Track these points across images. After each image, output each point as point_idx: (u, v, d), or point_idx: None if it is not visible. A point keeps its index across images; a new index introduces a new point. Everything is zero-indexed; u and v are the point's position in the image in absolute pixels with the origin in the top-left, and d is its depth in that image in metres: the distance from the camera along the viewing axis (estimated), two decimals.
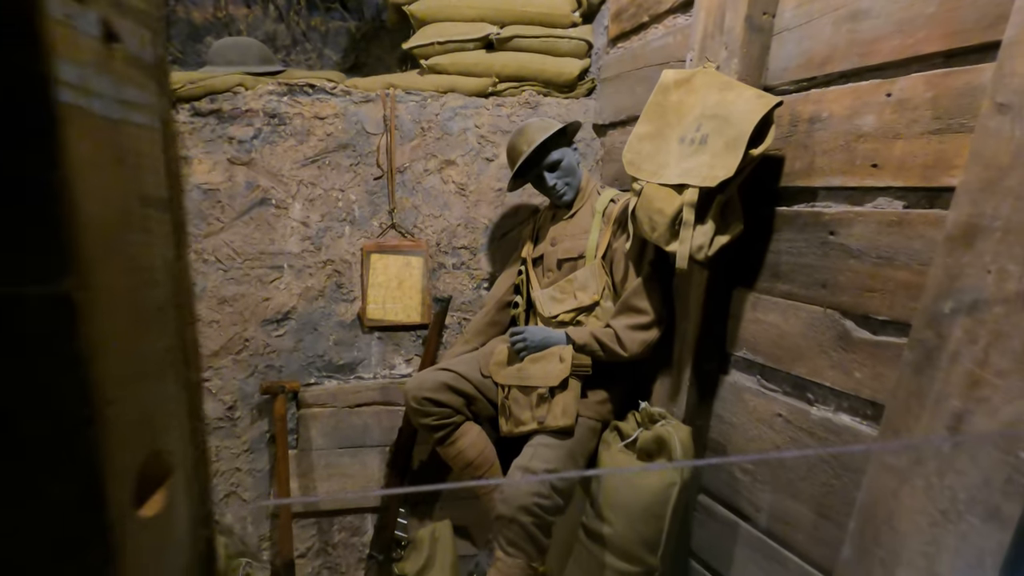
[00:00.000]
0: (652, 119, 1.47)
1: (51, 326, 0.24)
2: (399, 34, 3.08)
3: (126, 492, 0.27)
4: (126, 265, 0.27)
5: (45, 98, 0.22)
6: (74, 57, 0.23)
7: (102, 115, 0.25)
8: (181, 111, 1.94)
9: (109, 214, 0.25)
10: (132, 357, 0.27)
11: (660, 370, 1.61)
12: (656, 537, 1.40)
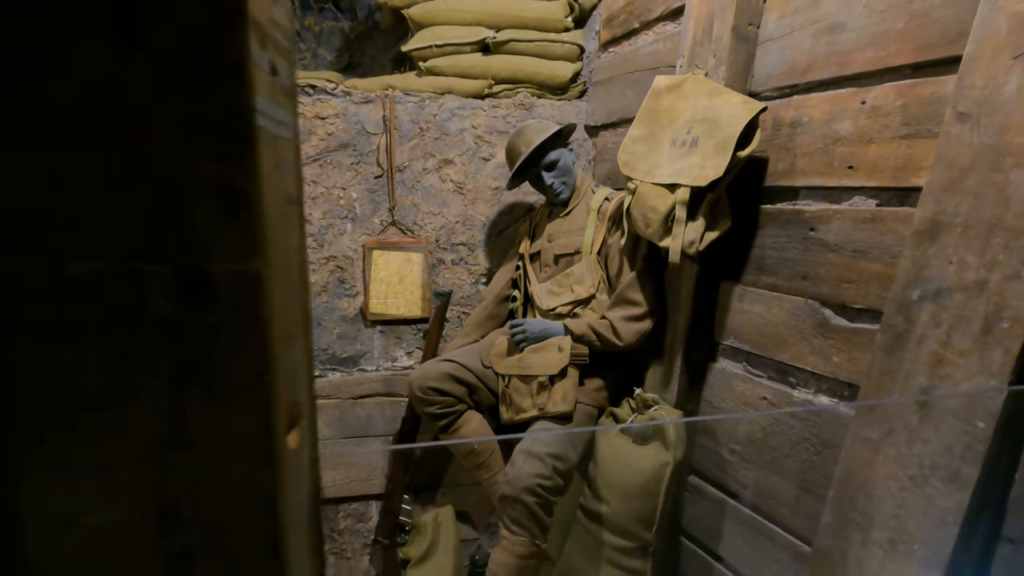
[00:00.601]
0: (645, 122, 1.56)
1: (244, 295, 0.31)
2: (393, 35, 3.14)
3: (283, 429, 0.34)
4: (282, 250, 0.34)
5: (249, 123, 0.30)
6: (260, 90, 0.31)
7: (271, 133, 0.32)
8: None
9: (274, 210, 0.33)
10: (286, 323, 0.34)
11: (653, 359, 1.70)
12: (651, 514, 1.50)
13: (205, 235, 0.30)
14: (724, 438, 1.58)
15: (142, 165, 0.29)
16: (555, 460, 1.52)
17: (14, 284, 0.29)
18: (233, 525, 0.33)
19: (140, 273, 0.30)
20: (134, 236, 0.30)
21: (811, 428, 1.34)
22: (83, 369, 0.30)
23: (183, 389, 0.31)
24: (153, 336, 0.31)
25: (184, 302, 0.31)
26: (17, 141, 0.28)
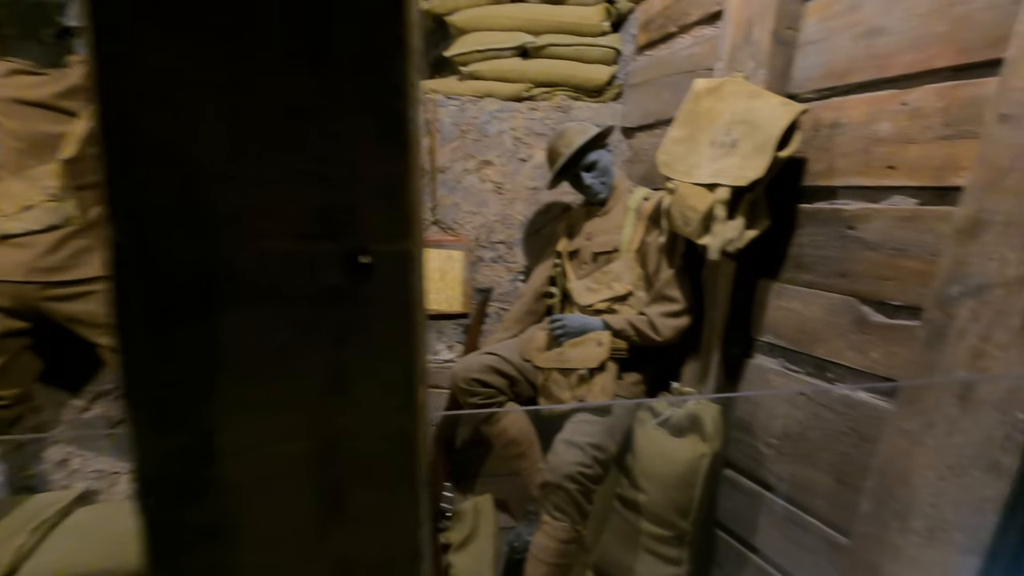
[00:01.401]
0: (685, 124, 1.61)
1: (397, 270, 0.38)
2: (430, 40, 3.23)
3: (419, 381, 0.41)
4: (419, 233, 0.41)
5: (407, 131, 0.37)
6: (412, 103, 0.38)
7: (416, 137, 0.40)
8: None
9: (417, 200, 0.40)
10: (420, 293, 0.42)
11: (689, 354, 1.75)
12: (688, 504, 1.55)
13: (369, 222, 0.38)
14: (760, 432, 1.61)
15: (324, 166, 0.37)
16: (595, 450, 1.58)
17: (227, 258, 0.37)
18: (379, 459, 0.41)
19: (317, 252, 0.37)
20: (314, 222, 0.37)
21: (848, 422, 1.37)
22: (272, 328, 0.38)
23: (345, 346, 0.39)
24: (324, 302, 0.38)
25: (349, 275, 0.38)
26: (237, 147, 0.36)
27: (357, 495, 0.41)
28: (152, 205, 0.36)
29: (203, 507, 0.39)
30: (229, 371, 0.38)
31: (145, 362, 0.37)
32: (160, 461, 0.38)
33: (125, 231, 0.36)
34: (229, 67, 0.35)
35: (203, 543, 0.40)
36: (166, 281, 0.37)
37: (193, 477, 0.39)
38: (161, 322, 0.37)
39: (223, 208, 0.36)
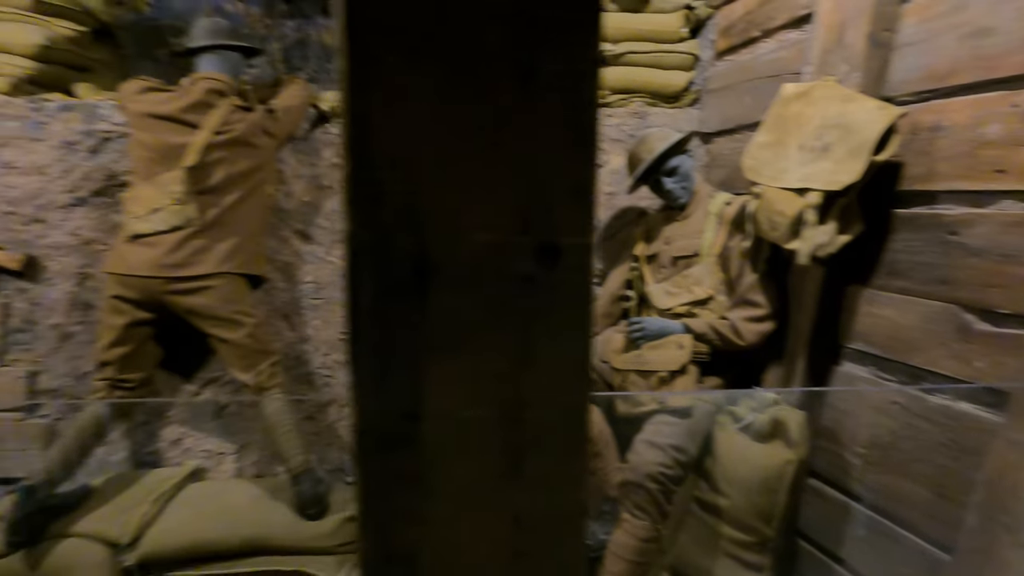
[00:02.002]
0: (772, 129, 1.60)
1: (580, 259, 0.44)
2: None
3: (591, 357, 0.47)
4: None
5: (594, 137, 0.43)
6: None
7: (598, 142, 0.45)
8: (335, 124, 2.24)
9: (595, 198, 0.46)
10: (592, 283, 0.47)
11: (772, 360, 1.73)
12: (772, 510, 1.53)
13: (559, 218, 0.44)
14: (847, 440, 1.58)
15: (524, 170, 0.43)
16: (676, 452, 1.60)
17: (439, 249, 0.43)
18: (555, 428, 0.46)
19: (514, 244, 0.44)
20: (513, 218, 0.43)
21: (947, 433, 1.33)
22: (473, 308, 0.44)
23: (533, 326, 0.45)
24: (518, 287, 0.44)
25: (539, 264, 0.44)
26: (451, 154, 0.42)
27: (534, 459, 0.47)
28: (381, 203, 0.43)
29: (408, 458, 0.46)
30: (436, 344, 0.45)
31: (370, 335, 0.45)
32: (376, 418, 0.45)
33: (359, 224, 0.43)
34: (451, 86, 0.42)
35: (406, 488, 0.47)
36: (389, 267, 0.44)
37: (401, 433, 0.46)
38: (384, 302, 0.44)
39: (436, 206, 0.43)
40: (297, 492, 1.77)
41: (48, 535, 1.66)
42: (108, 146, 2.15)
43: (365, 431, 0.46)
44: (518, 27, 0.41)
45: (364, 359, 0.45)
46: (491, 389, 0.46)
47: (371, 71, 0.41)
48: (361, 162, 0.43)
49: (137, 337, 1.88)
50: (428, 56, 0.41)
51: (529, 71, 0.42)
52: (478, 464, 0.47)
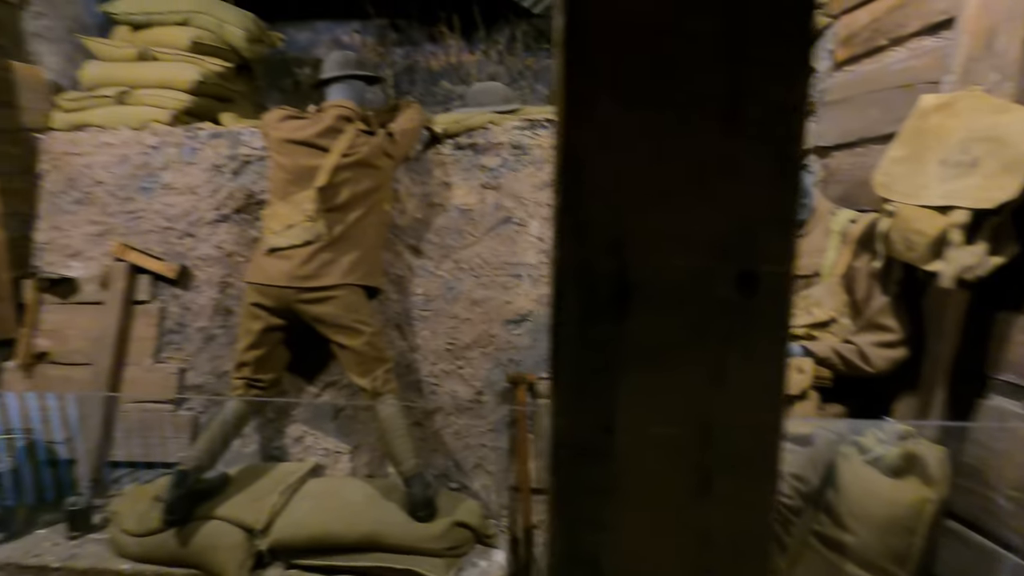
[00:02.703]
0: (908, 142, 1.51)
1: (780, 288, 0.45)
2: None
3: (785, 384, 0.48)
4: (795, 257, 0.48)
5: (798, 173, 0.44)
6: None
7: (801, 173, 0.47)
8: (446, 145, 2.36)
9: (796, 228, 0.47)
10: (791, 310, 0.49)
11: (905, 389, 1.61)
12: (907, 552, 1.42)
13: (759, 247, 0.45)
14: (995, 481, 1.44)
15: (727, 199, 0.45)
16: (795, 481, 1.52)
17: (640, 272, 0.47)
18: (746, 450, 0.48)
19: (714, 270, 0.46)
20: (714, 245, 0.46)
21: None
22: (670, 329, 0.47)
23: (729, 349, 0.47)
24: (716, 311, 0.46)
25: (738, 290, 0.46)
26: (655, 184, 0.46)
27: (723, 479, 0.48)
28: (587, 232, 0.47)
29: (600, 469, 0.49)
30: (632, 363, 0.48)
31: (572, 351, 0.48)
32: (573, 430, 0.49)
33: (567, 251, 0.47)
34: (660, 126, 0.45)
35: (597, 498, 0.50)
36: (592, 290, 0.47)
37: (596, 445, 0.49)
38: (586, 322, 0.48)
39: (639, 234, 0.46)
40: (409, 494, 1.86)
41: (195, 516, 1.85)
42: (248, 168, 2.40)
43: (562, 441, 0.49)
44: (727, 69, 0.43)
45: (565, 374, 0.49)
46: (684, 408, 0.48)
47: (586, 114, 0.45)
48: (572, 196, 0.47)
49: (271, 341, 2.06)
50: (640, 100, 0.45)
51: (735, 109, 0.44)
52: (668, 480, 0.49)
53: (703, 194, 0.45)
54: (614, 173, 0.46)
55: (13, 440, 2.19)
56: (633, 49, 0.44)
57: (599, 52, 0.44)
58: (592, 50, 0.44)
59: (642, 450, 0.49)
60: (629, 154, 0.45)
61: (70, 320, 2.35)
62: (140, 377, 2.30)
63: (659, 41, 0.43)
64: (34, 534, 2.03)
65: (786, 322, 0.46)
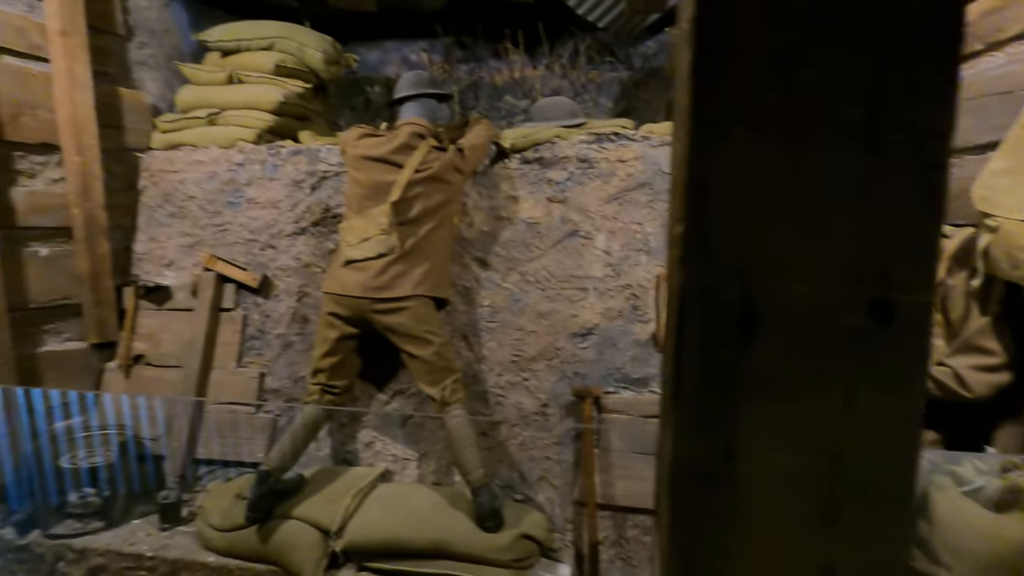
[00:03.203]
0: (1012, 153, 1.42)
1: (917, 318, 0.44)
2: (667, 79, 3.33)
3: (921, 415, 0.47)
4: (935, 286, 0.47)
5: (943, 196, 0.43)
6: None
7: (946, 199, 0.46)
8: (513, 159, 2.40)
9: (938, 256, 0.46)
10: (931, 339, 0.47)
11: (1008, 417, 1.50)
12: None
13: (895, 274, 0.45)
14: None
15: (862, 225, 0.45)
16: None
17: (765, 298, 0.47)
18: (878, 481, 0.47)
19: (845, 297, 0.45)
20: (845, 272, 0.45)
21: None
22: (796, 357, 0.47)
23: (860, 378, 0.46)
24: (845, 339, 0.46)
25: (870, 319, 0.45)
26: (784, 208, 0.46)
27: (853, 510, 0.47)
28: (711, 257, 0.47)
29: (721, 495, 0.49)
30: (756, 389, 0.48)
31: (692, 376, 0.49)
32: (693, 454, 0.49)
33: (689, 275, 0.48)
34: (792, 152, 0.45)
35: (717, 524, 0.49)
36: (715, 315, 0.48)
37: (717, 470, 0.49)
38: (708, 346, 0.48)
39: (765, 260, 0.46)
40: (476, 504, 1.88)
41: (275, 515, 1.94)
42: (325, 184, 2.52)
43: (681, 465, 0.50)
44: (866, 95, 0.43)
45: (686, 398, 0.49)
46: (810, 436, 0.47)
47: (714, 140, 0.46)
48: (696, 221, 0.47)
49: (345, 349, 2.15)
50: (772, 126, 0.45)
51: (875, 135, 0.43)
52: (793, 508, 0.48)
53: (836, 220, 0.45)
54: (741, 198, 0.46)
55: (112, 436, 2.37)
56: (765, 76, 0.44)
57: (729, 80, 0.45)
58: (722, 78, 0.45)
59: (765, 477, 0.48)
60: (758, 179, 0.45)
61: (164, 325, 2.53)
62: (224, 380, 2.45)
63: (793, 68, 0.44)
64: (130, 524, 2.18)
65: (925, 352, 0.45)
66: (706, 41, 0.45)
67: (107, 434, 2.38)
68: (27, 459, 2.25)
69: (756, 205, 0.46)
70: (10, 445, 2.23)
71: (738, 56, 0.44)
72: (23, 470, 2.24)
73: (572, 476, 2.14)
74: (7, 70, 2.19)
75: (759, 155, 0.45)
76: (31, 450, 2.25)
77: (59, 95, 2.31)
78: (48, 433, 2.31)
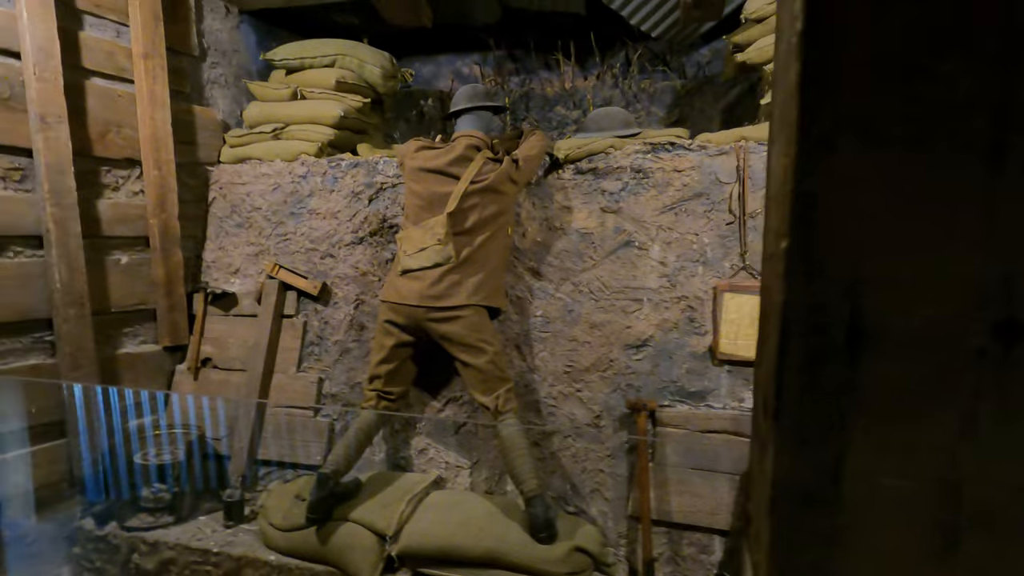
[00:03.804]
0: None
1: None
2: (721, 87, 3.27)
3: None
4: None
5: None
6: None
7: None
8: (567, 170, 2.40)
9: None
10: None
11: None
12: None
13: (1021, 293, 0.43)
14: None
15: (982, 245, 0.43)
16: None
17: (878, 317, 0.45)
18: (1003, 508, 0.44)
19: (966, 318, 0.44)
20: (965, 291, 0.43)
21: None
22: (911, 378, 0.45)
23: (981, 401, 0.44)
24: (966, 360, 0.44)
25: (993, 340, 0.43)
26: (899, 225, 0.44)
27: (973, 541, 0.45)
28: (819, 274, 0.46)
29: (825, 518, 0.48)
30: (865, 410, 0.46)
31: (797, 395, 0.48)
32: (796, 475, 0.48)
33: (795, 289, 0.47)
34: (909, 167, 0.44)
35: (820, 546, 0.48)
36: (823, 332, 0.47)
37: (821, 493, 0.48)
38: (815, 365, 0.47)
39: (879, 279, 0.45)
40: (531, 515, 1.88)
41: (334, 517, 2.00)
42: (382, 195, 2.59)
43: (782, 484, 0.49)
44: (990, 110, 0.42)
45: (789, 417, 0.48)
46: (925, 461, 0.45)
47: (824, 155, 0.45)
48: (804, 237, 0.47)
49: (401, 356, 2.19)
50: (887, 141, 0.44)
51: (1000, 151, 0.42)
52: (905, 536, 0.46)
53: (957, 238, 0.43)
54: (854, 214, 0.45)
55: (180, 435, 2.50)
56: (881, 89, 0.43)
57: (842, 92, 0.44)
58: (834, 90, 0.44)
59: (874, 502, 0.46)
60: (872, 195, 0.44)
61: (230, 330, 2.65)
62: (285, 384, 2.54)
63: (912, 81, 0.43)
64: (196, 520, 2.28)
65: None
66: (817, 53, 0.44)
67: (176, 433, 2.51)
68: (104, 454, 2.39)
69: (869, 221, 0.45)
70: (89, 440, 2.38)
71: (851, 68, 0.44)
72: (100, 464, 2.38)
73: (626, 490, 2.11)
74: (97, 92, 2.36)
75: (873, 169, 0.44)
76: (107, 446, 2.40)
77: (141, 113, 2.47)
78: (123, 430, 2.45)
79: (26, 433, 2.16)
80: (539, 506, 1.88)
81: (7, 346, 2.12)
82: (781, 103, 0.49)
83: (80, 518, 2.28)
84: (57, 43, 2.13)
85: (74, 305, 2.23)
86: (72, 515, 2.29)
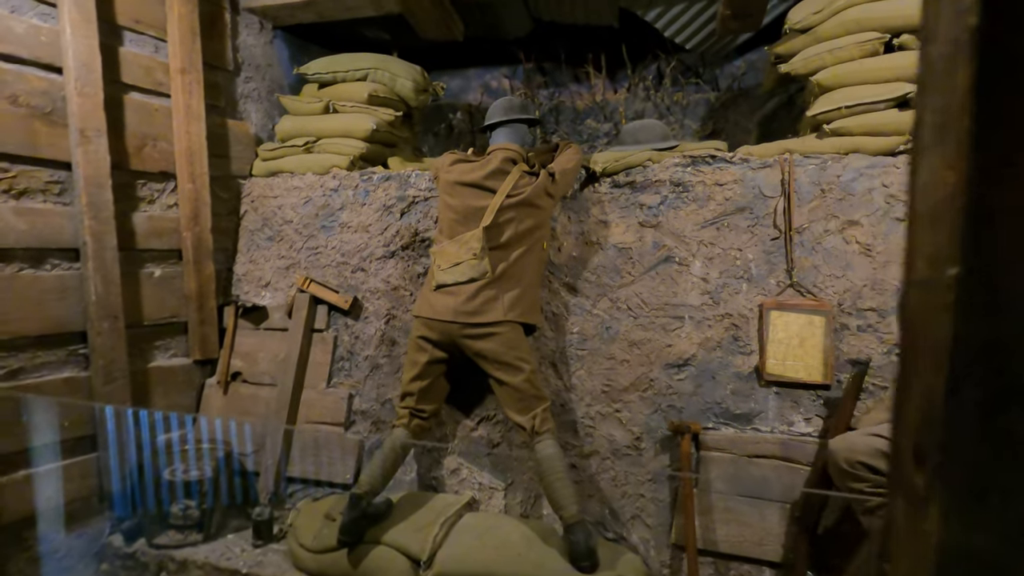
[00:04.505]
0: None
1: None
2: (758, 100, 3.21)
3: None
4: None
5: None
6: None
7: None
8: (603, 183, 2.35)
9: None
10: None
11: None
12: None
13: None
14: None
15: None
16: None
17: None
18: None
19: None
20: None
21: None
22: None
23: None
24: None
25: None
26: None
27: None
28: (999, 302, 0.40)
29: None
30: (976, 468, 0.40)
31: (971, 444, 0.41)
32: (969, 539, 0.41)
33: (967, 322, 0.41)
34: None
35: None
36: (1003, 372, 0.40)
37: (1002, 560, 0.41)
38: (993, 409, 0.40)
39: None
40: (571, 542, 1.80)
41: (365, 540, 1.94)
42: (414, 208, 2.56)
43: (952, 553, 0.42)
44: None
45: (960, 470, 0.42)
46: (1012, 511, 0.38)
47: (1005, 170, 0.39)
48: (979, 263, 0.40)
49: (434, 373, 2.14)
50: None
51: None
52: None
53: None
54: None
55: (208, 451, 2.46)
56: None
57: None
58: (1018, 96, 0.38)
59: None
60: None
61: (260, 344, 2.63)
62: (315, 400, 2.50)
63: None
64: (225, 538, 2.24)
65: None
66: (996, 54, 0.39)
67: (204, 448, 2.48)
68: (133, 470, 2.37)
69: None
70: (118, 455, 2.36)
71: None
72: (129, 479, 2.36)
73: (668, 516, 2.02)
74: (135, 106, 2.37)
75: None
76: (136, 461, 2.37)
77: (177, 127, 2.48)
78: (152, 446, 2.43)
79: (58, 447, 2.14)
80: (580, 533, 1.80)
81: (43, 359, 2.11)
82: (941, 109, 0.43)
83: (109, 534, 2.25)
84: (99, 58, 2.14)
85: (108, 318, 2.22)
86: (101, 530, 2.27)
